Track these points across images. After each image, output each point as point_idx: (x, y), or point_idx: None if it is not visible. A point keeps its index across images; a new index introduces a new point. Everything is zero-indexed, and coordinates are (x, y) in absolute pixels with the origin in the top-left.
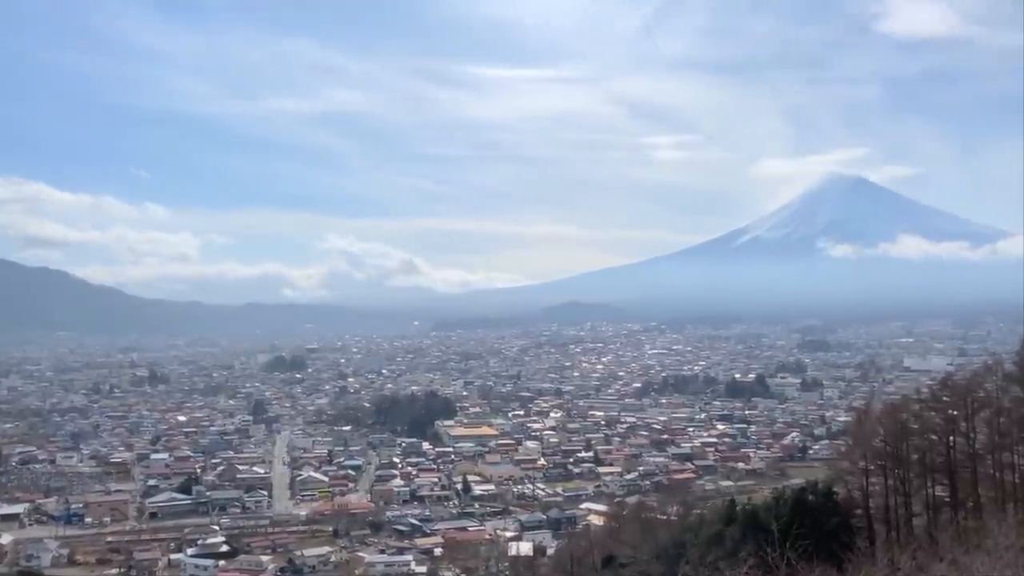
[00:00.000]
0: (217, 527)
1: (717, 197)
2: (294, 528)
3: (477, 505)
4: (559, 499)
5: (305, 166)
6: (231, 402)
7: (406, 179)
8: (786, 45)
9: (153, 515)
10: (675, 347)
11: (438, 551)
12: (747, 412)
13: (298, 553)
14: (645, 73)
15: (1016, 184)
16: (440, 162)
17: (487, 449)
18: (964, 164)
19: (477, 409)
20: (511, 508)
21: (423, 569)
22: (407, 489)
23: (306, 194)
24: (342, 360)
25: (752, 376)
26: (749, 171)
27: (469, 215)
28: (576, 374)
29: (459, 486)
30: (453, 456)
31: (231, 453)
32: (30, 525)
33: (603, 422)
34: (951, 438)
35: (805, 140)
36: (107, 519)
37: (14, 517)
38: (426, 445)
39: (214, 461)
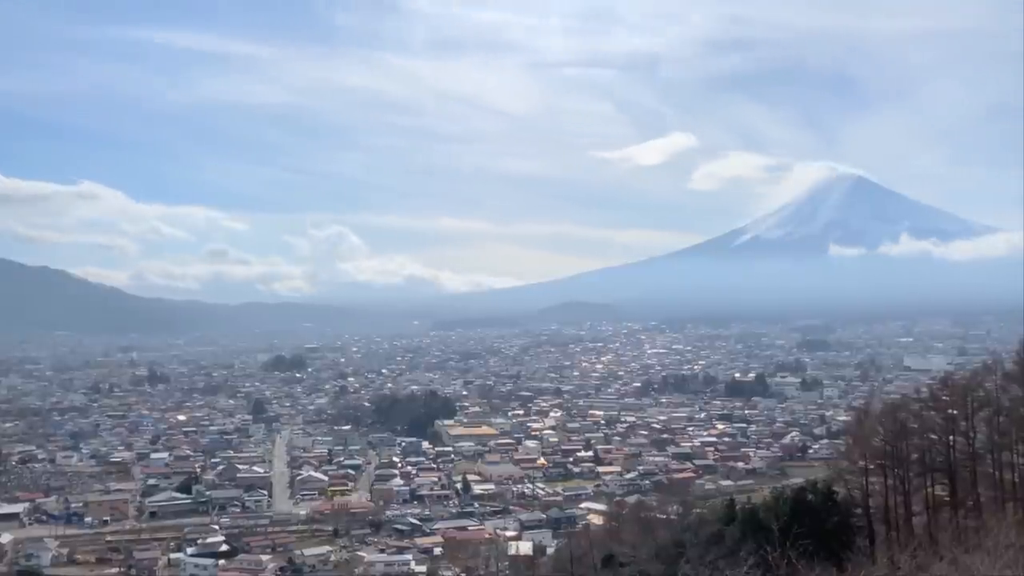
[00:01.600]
0: (217, 526)
1: (717, 197)
2: (294, 527)
3: (477, 504)
4: (559, 498)
5: (306, 166)
6: (231, 401)
7: (406, 179)
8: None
9: (153, 514)
10: (675, 346)
11: (438, 550)
12: (747, 411)
13: (298, 552)
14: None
15: (1016, 183)
16: (439, 162)
17: (487, 448)
18: (964, 164)
19: (477, 408)
20: (511, 507)
21: (423, 568)
22: (407, 488)
23: (306, 194)
24: (342, 359)
25: (752, 375)
26: (749, 171)
27: (469, 215)
28: (576, 373)
29: (459, 485)
30: (453, 455)
31: (231, 452)
32: (30, 524)
33: (603, 421)
34: (951, 437)
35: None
36: (107, 518)
37: (14, 516)
38: (426, 444)
39: (214, 460)
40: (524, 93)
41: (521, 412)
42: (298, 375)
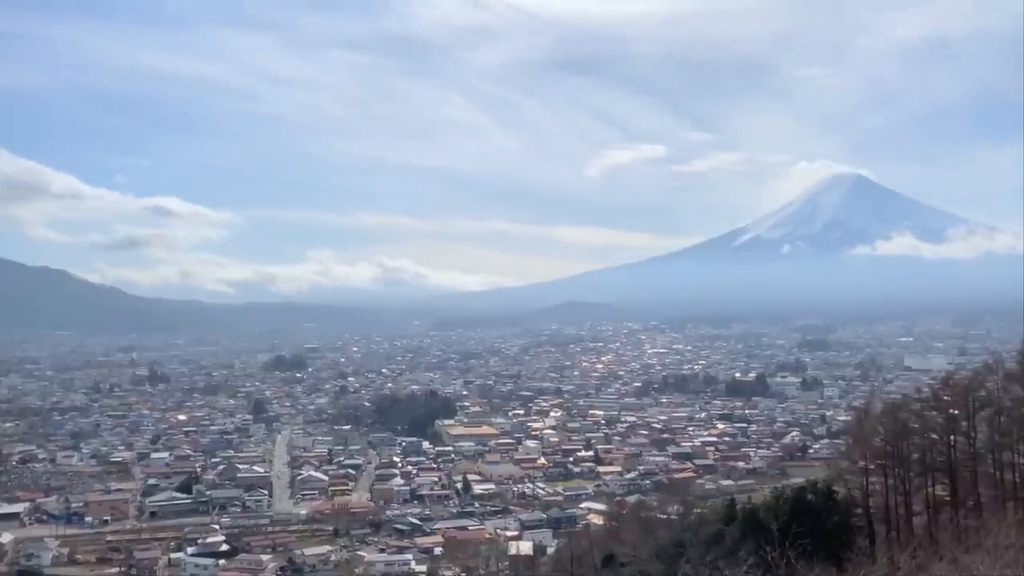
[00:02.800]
0: (217, 526)
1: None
2: (294, 527)
3: (477, 504)
4: (559, 498)
5: (306, 164)
6: (231, 401)
7: (405, 178)
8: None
9: (153, 514)
10: (675, 346)
11: (438, 550)
12: (747, 411)
13: (298, 552)
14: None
15: (1016, 183)
16: (439, 163)
17: (487, 448)
18: (964, 163)
19: (477, 408)
20: (511, 507)
21: (423, 568)
22: (407, 488)
23: (307, 193)
24: (342, 359)
25: (752, 375)
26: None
27: (470, 215)
28: (576, 373)
29: (459, 485)
30: (453, 455)
31: (231, 452)
32: (30, 524)
33: (603, 421)
34: (951, 437)
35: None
36: (107, 518)
37: (14, 516)
38: (426, 444)
39: (214, 460)
40: None
41: (521, 412)
42: (298, 375)
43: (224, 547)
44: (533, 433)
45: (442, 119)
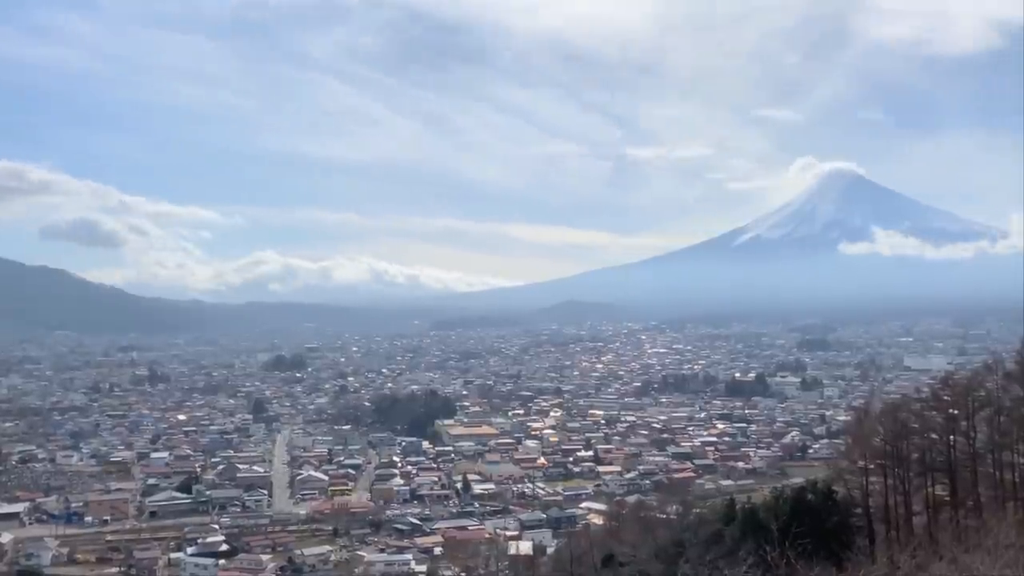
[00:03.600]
0: (217, 526)
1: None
2: (294, 527)
3: (477, 504)
4: (559, 498)
5: (307, 162)
6: (231, 401)
7: (404, 179)
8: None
9: (153, 514)
10: (675, 346)
11: (438, 550)
12: (747, 411)
13: (298, 552)
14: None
15: (1016, 183)
16: (437, 163)
17: (487, 448)
18: (964, 162)
19: (477, 408)
20: (511, 507)
21: (423, 568)
22: (407, 488)
23: (307, 192)
24: (342, 359)
25: (752, 375)
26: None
27: (469, 215)
28: (576, 373)
29: (459, 485)
30: (453, 455)
31: (231, 452)
32: (30, 524)
33: (603, 421)
34: (951, 437)
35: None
36: (107, 518)
37: (14, 516)
38: (426, 444)
39: (214, 460)
40: None
41: (521, 412)
42: (298, 375)
43: (224, 547)
44: (533, 433)
45: (341, 109)
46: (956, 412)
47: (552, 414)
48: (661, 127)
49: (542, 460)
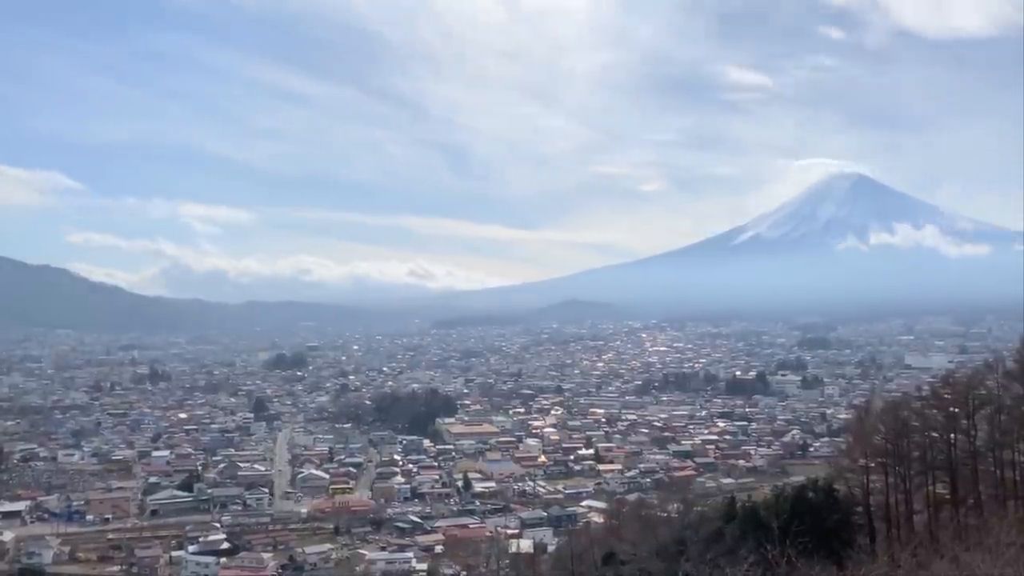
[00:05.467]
0: (218, 524)
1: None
2: (295, 525)
3: (478, 502)
4: (560, 496)
5: (307, 163)
6: (232, 400)
7: (403, 179)
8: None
9: (154, 512)
10: (676, 345)
11: (439, 548)
12: (748, 410)
13: (299, 550)
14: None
15: (1017, 182)
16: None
17: (488, 447)
18: (967, 161)
19: (478, 407)
20: (512, 505)
21: (424, 566)
22: (408, 486)
23: (308, 193)
24: (343, 358)
25: (753, 374)
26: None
27: (468, 216)
28: (577, 372)
29: (460, 483)
30: (454, 453)
31: (232, 451)
32: (31, 522)
33: (604, 420)
34: (952, 435)
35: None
36: (108, 516)
37: (15, 514)
38: (427, 443)
39: (215, 459)
40: None
41: (522, 410)
42: (299, 373)
43: (225, 545)
44: (534, 431)
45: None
46: (957, 410)
47: (553, 412)
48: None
49: (543, 458)
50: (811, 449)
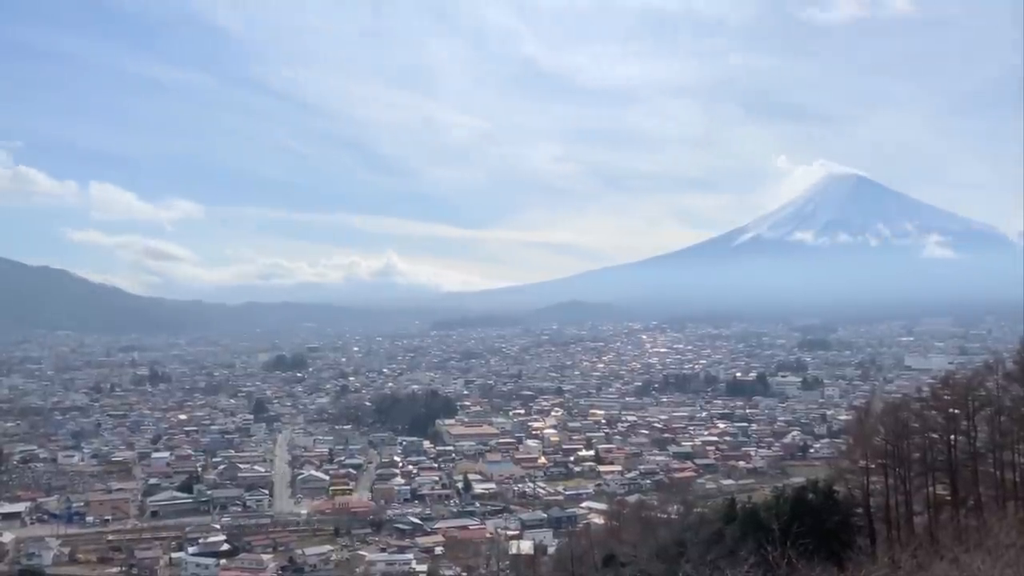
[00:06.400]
0: (218, 526)
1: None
2: (295, 527)
3: (478, 504)
4: (560, 498)
5: (309, 163)
6: (232, 401)
7: (402, 180)
8: None
9: (154, 513)
10: (676, 346)
11: (439, 550)
12: (748, 411)
13: (299, 552)
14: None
15: (1017, 181)
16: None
17: (488, 448)
18: (966, 162)
19: (478, 408)
20: (512, 507)
21: (424, 568)
22: (408, 488)
23: (308, 194)
24: (343, 359)
25: (753, 375)
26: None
27: (469, 215)
28: (577, 373)
29: (460, 485)
30: (454, 455)
31: (232, 452)
32: (31, 523)
33: (604, 421)
34: (952, 437)
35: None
36: (108, 517)
37: (15, 515)
38: (427, 444)
39: (215, 460)
40: None
41: (522, 411)
42: (299, 374)
43: (225, 547)
44: (534, 432)
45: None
46: (957, 412)
47: (553, 414)
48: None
49: (543, 460)
50: (811, 450)
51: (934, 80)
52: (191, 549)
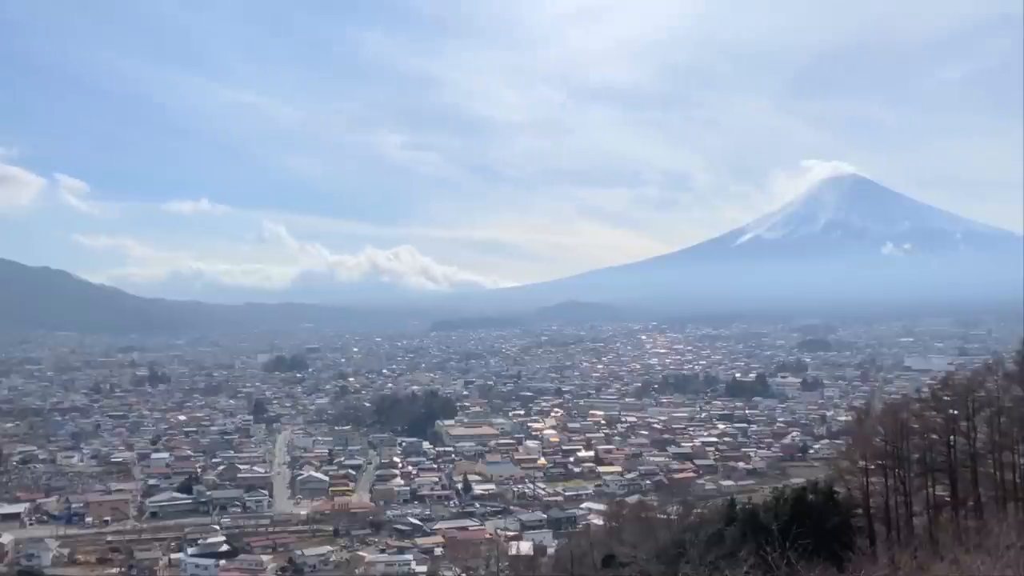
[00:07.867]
0: (218, 526)
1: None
2: (294, 527)
3: (477, 504)
4: (559, 498)
5: (308, 166)
6: (231, 402)
7: (401, 180)
8: None
9: (154, 514)
10: (675, 346)
11: (438, 550)
12: (747, 411)
13: (298, 552)
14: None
15: (1017, 181)
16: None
17: (487, 448)
18: (967, 162)
19: (477, 408)
20: (511, 507)
21: (423, 568)
22: (407, 488)
23: (308, 195)
24: (342, 360)
25: (753, 375)
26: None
27: (469, 215)
28: (576, 374)
29: (459, 485)
30: (453, 455)
31: (231, 453)
32: (31, 524)
33: (603, 421)
34: (952, 437)
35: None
36: (108, 518)
37: (15, 516)
38: (426, 444)
39: (214, 461)
40: None
41: (522, 412)
42: (299, 375)
43: (224, 547)
44: (533, 433)
45: None
46: (956, 412)
47: (553, 414)
48: None
49: (542, 460)
50: (811, 451)
51: (930, 72)
52: (191, 550)
